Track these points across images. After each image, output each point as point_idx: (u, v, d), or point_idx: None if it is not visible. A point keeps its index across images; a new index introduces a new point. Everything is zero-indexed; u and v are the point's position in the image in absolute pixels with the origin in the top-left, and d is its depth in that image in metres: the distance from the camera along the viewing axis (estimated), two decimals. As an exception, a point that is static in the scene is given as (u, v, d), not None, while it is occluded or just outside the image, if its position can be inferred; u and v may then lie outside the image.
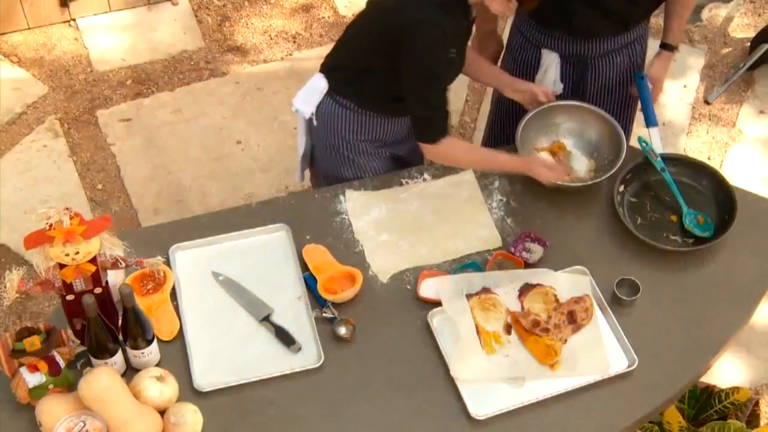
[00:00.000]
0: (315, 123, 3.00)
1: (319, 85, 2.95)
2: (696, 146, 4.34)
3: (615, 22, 3.05)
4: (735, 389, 3.00)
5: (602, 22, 3.03)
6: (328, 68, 2.96)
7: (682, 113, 4.46)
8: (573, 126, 3.08)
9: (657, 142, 3.01)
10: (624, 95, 3.26)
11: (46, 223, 2.23)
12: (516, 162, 2.89)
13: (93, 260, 2.34)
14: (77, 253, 2.28)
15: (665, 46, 3.18)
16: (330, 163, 3.07)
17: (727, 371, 3.57)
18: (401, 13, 2.68)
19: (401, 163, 3.13)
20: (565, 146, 3.05)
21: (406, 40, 2.67)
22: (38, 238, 2.25)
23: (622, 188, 2.94)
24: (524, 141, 3.00)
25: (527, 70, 3.21)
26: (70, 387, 2.45)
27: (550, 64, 3.15)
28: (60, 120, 4.38)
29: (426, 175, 3.02)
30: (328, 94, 2.94)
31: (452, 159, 2.91)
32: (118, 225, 3.91)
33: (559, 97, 3.17)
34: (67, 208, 2.25)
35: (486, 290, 2.71)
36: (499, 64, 3.36)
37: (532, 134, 3.04)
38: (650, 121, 3.06)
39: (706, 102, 4.51)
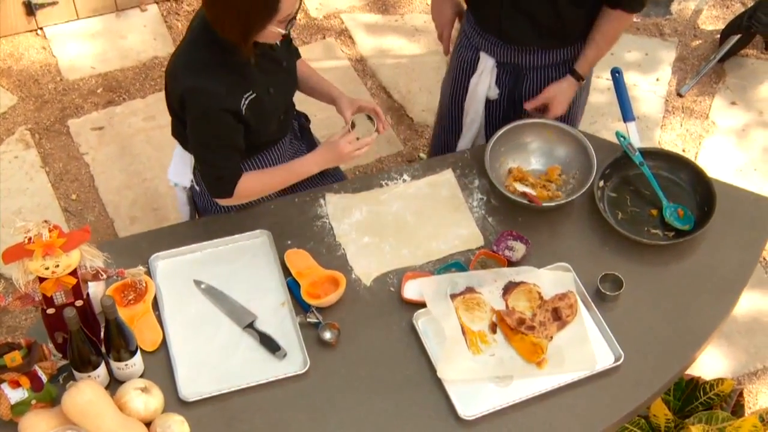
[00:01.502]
0: (197, 188, 2.93)
1: (185, 153, 2.88)
2: (670, 139, 4.36)
3: (544, 35, 3.00)
4: (719, 380, 3.01)
5: (530, 33, 2.99)
6: (176, 133, 2.88)
7: (656, 106, 4.48)
8: (542, 144, 3.06)
9: (635, 137, 3.01)
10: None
11: (25, 237, 2.20)
12: (317, 156, 2.79)
13: (73, 273, 2.31)
14: (57, 266, 2.25)
15: (573, 73, 3.05)
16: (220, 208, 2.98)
17: (709, 362, 3.59)
18: (175, 81, 2.62)
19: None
20: (560, 168, 3.03)
21: (183, 107, 2.62)
22: (17, 252, 2.21)
23: (601, 183, 2.94)
24: (493, 160, 2.97)
25: (466, 70, 3.21)
26: (53, 402, 2.42)
27: (485, 68, 3.14)
28: (30, 130, 4.33)
29: (405, 176, 3.01)
30: None
31: (251, 196, 2.83)
32: (94, 235, 3.83)
33: (493, 104, 3.19)
34: (45, 221, 2.21)
35: (470, 290, 2.70)
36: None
37: (501, 154, 3.01)
38: (627, 116, 3.06)
39: (679, 95, 4.53)
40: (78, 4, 4.73)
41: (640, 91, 4.53)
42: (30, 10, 4.64)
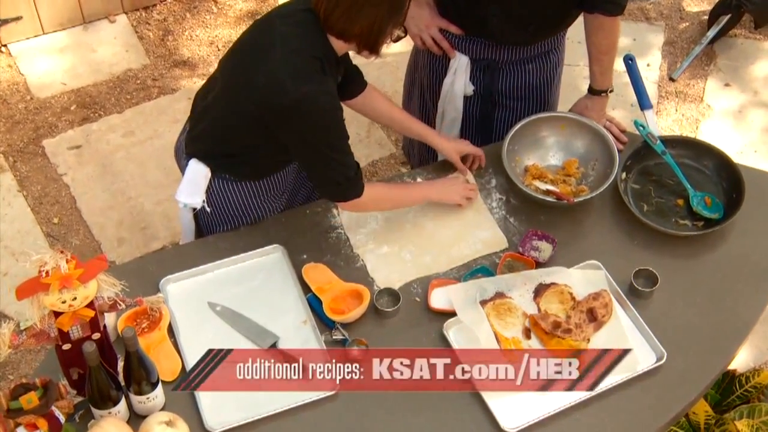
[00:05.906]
0: (208, 209, 2.75)
1: (201, 172, 2.68)
2: (667, 125, 4.28)
3: (529, 33, 2.90)
4: (755, 372, 2.92)
5: (516, 31, 2.88)
6: (202, 155, 2.68)
7: (649, 92, 4.30)
8: (557, 139, 2.95)
9: (653, 125, 2.92)
10: (535, 101, 3.12)
11: (41, 270, 2.03)
12: (436, 185, 2.81)
13: (90, 304, 2.15)
14: (74, 298, 2.08)
15: (591, 91, 2.98)
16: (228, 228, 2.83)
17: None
18: (279, 92, 2.42)
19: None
20: (577, 161, 2.92)
21: (295, 118, 2.44)
22: (32, 287, 2.04)
23: (623, 175, 2.84)
24: (511, 156, 2.85)
25: (438, 69, 3.09)
26: (72, 443, 2.27)
27: (460, 67, 3.01)
28: (4, 153, 4.13)
29: (419, 180, 2.89)
30: (214, 176, 2.70)
31: (377, 202, 2.71)
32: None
33: (469, 100, 3.07)
34: (62, 251, 2.05)
35: (500, 295, 2.58)
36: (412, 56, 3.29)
37: (515, 153, 2.89)
38: (644, 103, 2.97)
39: (671, 79, 4.45)
40: (43, 18, 4.54)
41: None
42: (-8, 27, 4.45)
